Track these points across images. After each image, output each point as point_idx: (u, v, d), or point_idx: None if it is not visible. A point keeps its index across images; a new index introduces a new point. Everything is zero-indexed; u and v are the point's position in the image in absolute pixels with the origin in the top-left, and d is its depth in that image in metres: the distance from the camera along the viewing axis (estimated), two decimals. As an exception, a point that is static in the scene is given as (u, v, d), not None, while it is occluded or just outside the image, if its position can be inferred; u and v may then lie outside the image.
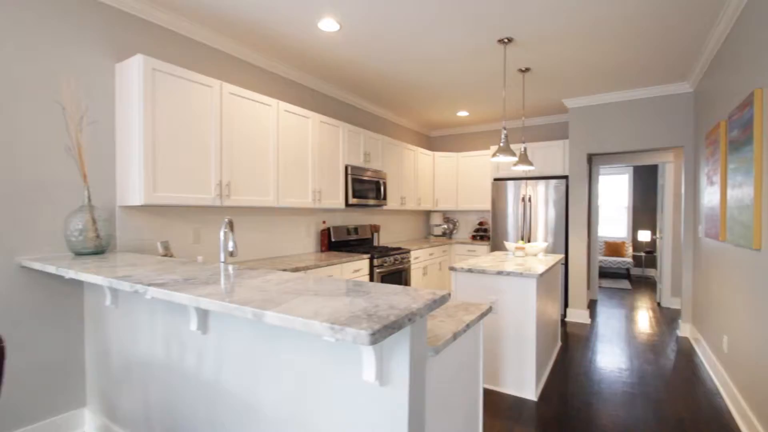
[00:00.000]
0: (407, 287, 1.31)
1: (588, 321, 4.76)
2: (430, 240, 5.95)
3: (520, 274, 2.77)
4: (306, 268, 3.08)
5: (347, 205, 4.04)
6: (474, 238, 6.00)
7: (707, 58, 3.39)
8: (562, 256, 3.92)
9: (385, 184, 4.57)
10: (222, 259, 2.06)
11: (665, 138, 4.31)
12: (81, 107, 2.31)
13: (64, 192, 2.29)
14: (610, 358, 3.60)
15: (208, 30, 3.01)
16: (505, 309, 2.86)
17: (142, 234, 2.61)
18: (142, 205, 2.44)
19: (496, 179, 5.53)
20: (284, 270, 2.88)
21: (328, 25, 2.92)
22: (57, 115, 2.26)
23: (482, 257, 3.60)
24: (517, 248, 3.73)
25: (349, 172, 4.04)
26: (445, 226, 6.35)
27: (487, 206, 5.73)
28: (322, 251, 4.09)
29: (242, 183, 2.96)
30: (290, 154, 3.40)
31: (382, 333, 0.89)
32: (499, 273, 2.85)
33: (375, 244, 4.87)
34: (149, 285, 1.37)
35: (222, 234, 2.01)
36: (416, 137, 6.32)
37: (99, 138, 2.45)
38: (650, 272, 8.22)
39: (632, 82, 4.15)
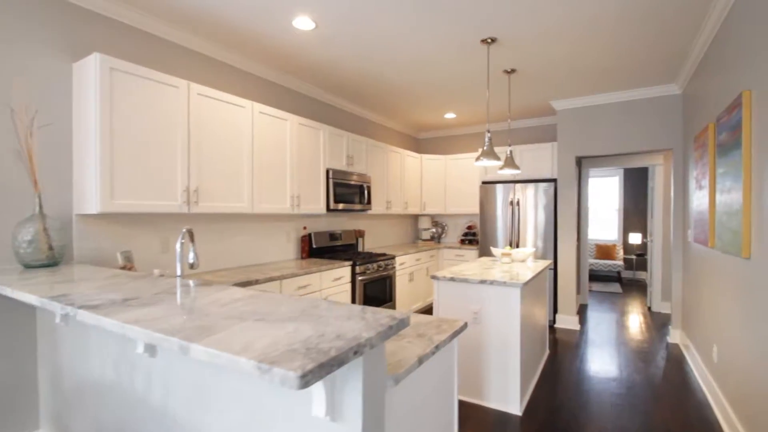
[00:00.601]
0: (366, 309, 1.19)
1: (577, 327, 4.66)
2: (418, 244, 5.83)
3: (504, 284, 2.66)
4: (281, 278, 2.95)
5: (329, 210, 3.91)
6: (463, 242, 5.89)
7: (695, 60, 3.31)
8: (550, 261, 3.81)
9: (369, 188, 4.45)
10: (179, 272, 1.91)
11: (654, 140, 4.23)
12: (31, 109, 2.16)
13: (15, 200, 2.14)
14: (599, 367, 3.50)
15: (176, 27, 2.87)
16: (489, 319, 2.74)
17: (101, 244, 2.46)
18: (99, 214, 2.29)
19: (484, 182, 5.42)
20: (257, 281, 2.74)
21: (303, 23, 2.80)
22: (6, 119, 2.11)
23: (467, 264, 3.49)
24: (504, 254, 3.62)
25: (331, 176, 3.91)
26: (434, 230, 6.24)
27: (476, 210, 5.63)
28: (302, 258, 3.95)
29: (213, 188, 2.82)
30: (267, 157, 3.26)
31: (315, 374, 0.76)
32: (482, 282, 2.73)
33: (359, 249, 4.74)
34: (80, 307, 1.23)
35: (179, 245, 1.87)
36: (404, 139, 6.21)
37: (56, 142, 2.30)
38: (641, 275, 8.17)
39: (620, 83, 4.06)
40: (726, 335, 2.55)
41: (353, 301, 3.75)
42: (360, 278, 3.79)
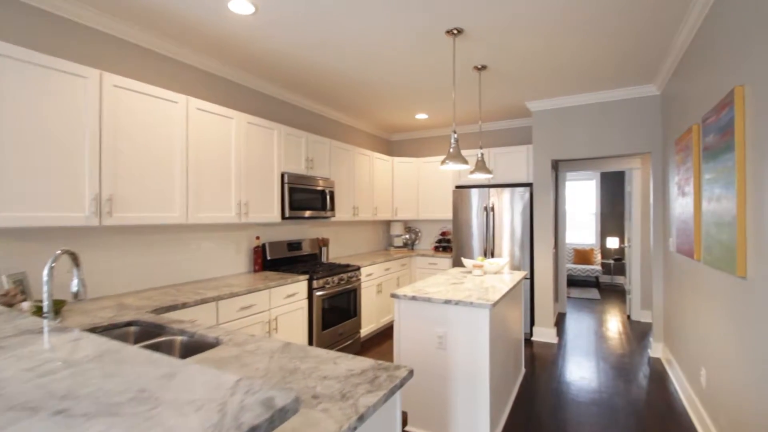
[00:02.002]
0: (239, 386, 0.82)
1: (555, 340, 4.39)
2: (390, 252, 5.49)
3: (471, 304, 2.33)
4: (217, 299, 2.55)
5: (284, 218, 3.53)
6: (437, 249, 5.58)
7: (675, 58, 3.08)
8: (526, 273, 3.52)
9: (332, 193, 4.08)
10: (46, 308, 1.49)
11: (632, 143, 4.00)
12: None
13: None
14: (578, 388, 3.21)
15: (84, 7, 2.46)
16: (455, 344, 2.41)
17: (-18, 265, 2.03)
18: (-24, 229, 1.86)
19: (457, 187, 5.13)
20: (184, 304, 2.34)
21: (241, 6, 2.42)
22: None
23: (435, 278, 3.16)
24: (475, 266, 3.31)
25: (287, 180, 3.53)
26: (407, 237, 5.91)
27: (450, 215, 5.33)
28: (255, 271, 3.55)
29: (134, 197, 2.41)
30: (207, 160, 2.86)
31: None
32: (447, 302, 2.40)
33: (323, 259, 4.37)
34: None
35: (45, 273, 1.45)
36: (375, 141, 5.87)
37: None
38: (619, 279, 8.04)
39: (597, 83, 3.82)
40: (716, 359, 2.28)
41: (310, 320, 3.38)
42: (318, 293, 3.42)
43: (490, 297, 2.42)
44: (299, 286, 3.27)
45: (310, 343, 3.37)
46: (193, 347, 1.74)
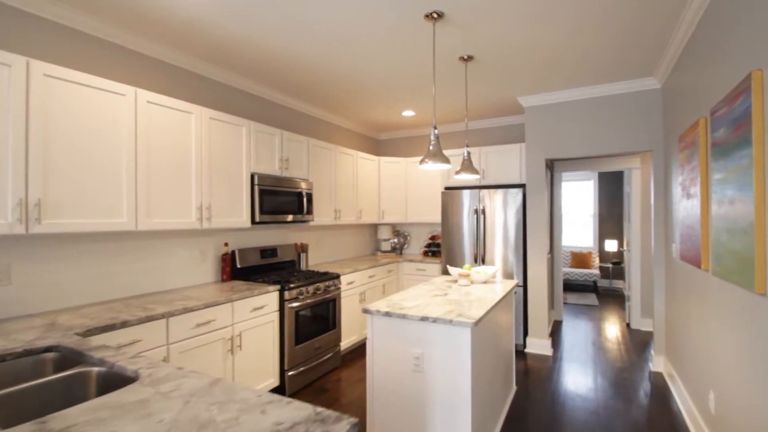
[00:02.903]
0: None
1: (550, 352, 4.12)
2: (378, 257, 5.21)
3: (450, 322, 2.05)
4: (167, 315, 2.27)
5: (254, 222, 3.25)
6: (426, 254, 5.30)
7: (678, 46, 2.82)
8: (517, 282, 3.25)
9: (310, 195, 3.80)
10: None
11: (631, 141, 3.74)
12: None
13: None
14: (574, 407, 2.94)
15: (24, -11, 2.18)
16: (433, 366, 2.13)
17: None
18: None
19: (447, 188, 4.86)
20: (125, 323, 2.05)
21: (191, -15, 2.15)
22: None
23: (416, 289, 2.88)
24: (461, 275, 3.04)
25: (257, 182, 3.25)
26: (395, 241, 5.63)
27: (440, 218, 5.05)
28: (223, 281, 3.27)
29: (70, 200, 2.13)
30: (160, 160, 2.58)
31: None
32: (424, 319, 2.12)
33: (302, 267, 4.09)
34: None
35: None
36: (362, 141, 5.60)
37: None
38: (618, 284, 7.77)
39: (593, 77, 3.56)
40: (728, 383, 2.01)
41: (281, 335, 3.09)
42: (291, 305, 3.14)
43: (473, 313, 2.15)
44: (268, 297, 2.99)
45: (282, 359, 3.09)
46: (111, 381, 1.46)
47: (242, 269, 3.40)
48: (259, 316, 2.90)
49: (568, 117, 4.01)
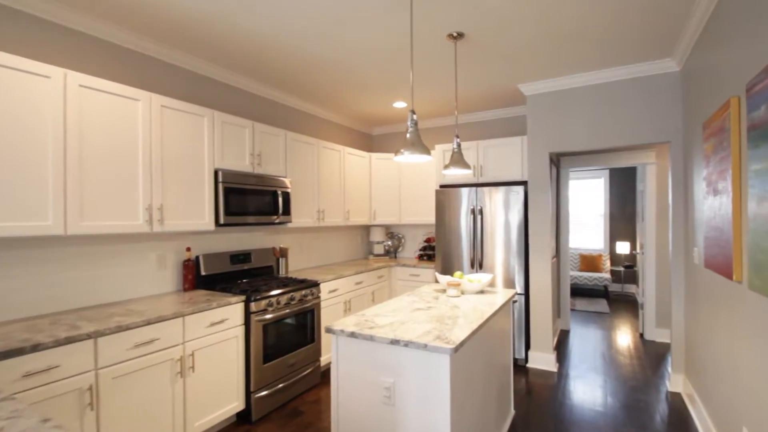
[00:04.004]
0: None
1: (555, 367, 3.71)
2: (370, 261, 4.84)
3: (425, 347, 1.68)
4: (94, 336, 1.92)
5: (219, 224, 2.91)
6: (421, 257, 4.93)
7: (701, 19, 2.41)
8: (515, 291, 2.86)
9: (287, 194, 3.45)
10: None
11: (646, 132, 3.32)
12: None
13: None
14: (579, 440, 2.54)
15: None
16: (406, 398, 1.76)
17: None
18: None
19: (442, 186, 4.48)
20: (38, 346, 1.71)
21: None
22: None
23: (397, 300, 2.51)
24: (450, 284, 2.66)
25: (222, 179, 2.90)
26: (389, 243, 5.27)
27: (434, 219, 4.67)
28: (185, 290, 2.93)
29: (-27, 200, 1.80)
30: (97, 153, 2.25)
31: None
32: (395, 342, 1.75)
33: (281, 273, 3.74)
34: None
35: None
36: (354, 136, 5.23)
37: None
38: (630, 289, 7.30)
39: (602, 59, 3.15)
40: (766, 421, 1.61)
41: (247, 352, 2.74)
42: (259, 318, 2.78)
43: (455, 334, 1.77)
44: (230, 310, 2.64)
45: (248, 380, 2.74)
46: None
47: (208, 277, 3.06)
48: (218, 331, 2.55)
49: (574, 106, 3.61)
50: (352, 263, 4.62)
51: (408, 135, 2.08)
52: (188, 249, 2.96)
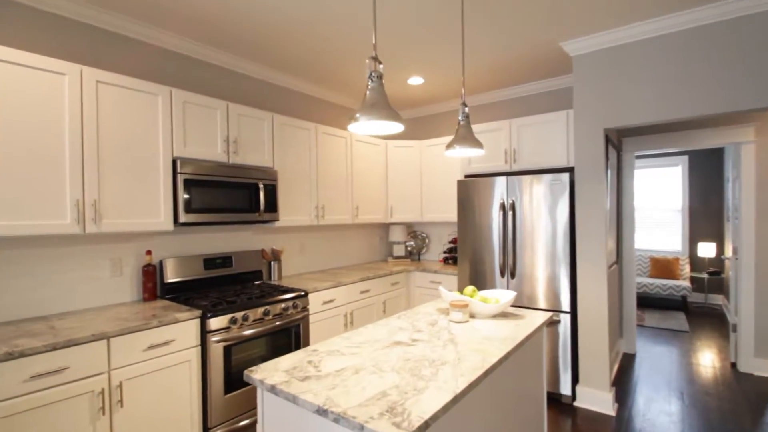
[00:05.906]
0: None
1: (613, 410, 2.84)
2: (388, 264, 4.22)
3: (361, 429, 1.03)
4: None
5: (179, 223, 2.44)
6: (446, 261, 4.21)
7: None
8: (551, 316, 2.10)
9: (272, 187, 2.93)
10: None
11: (745, 94, 2.36)
12: None
13: None
14: None
15: None
16: (348, 497, 1.13)
17: None
18: None
19: (467, 176, 3.73)
20: None
21: None
22: None
23: (375, 327, 1.87)
24: (454, 305, 1.97)
25: (181, 169, 2.43)
26: (411, 244, 4.60)
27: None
28: (145, 300, 2.51)
29: None
30: (8, 138, 1.84)
31: None
32: (321, 413, 1.12)
33: (273, 278, 3.23)
34: None
35: None
36: (369, 122, 4.60)
37: None
38: (716, 300, 5.99)
39: (681, -10, 2.25)
40: None
41: (204, 381, 2.25)
42: (219, 338, 2.28)
43: (417, 409, 1.10)
44: (179, 328, 2.15)
45: (205, 415, 2.25)
46: None
47: (173, 285, 2.62)
48: (160, 356, 2.07)
49: (637, 66, 2.70)
50: (365, 266, 4.02)
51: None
52: (148, 252, 2.53)
